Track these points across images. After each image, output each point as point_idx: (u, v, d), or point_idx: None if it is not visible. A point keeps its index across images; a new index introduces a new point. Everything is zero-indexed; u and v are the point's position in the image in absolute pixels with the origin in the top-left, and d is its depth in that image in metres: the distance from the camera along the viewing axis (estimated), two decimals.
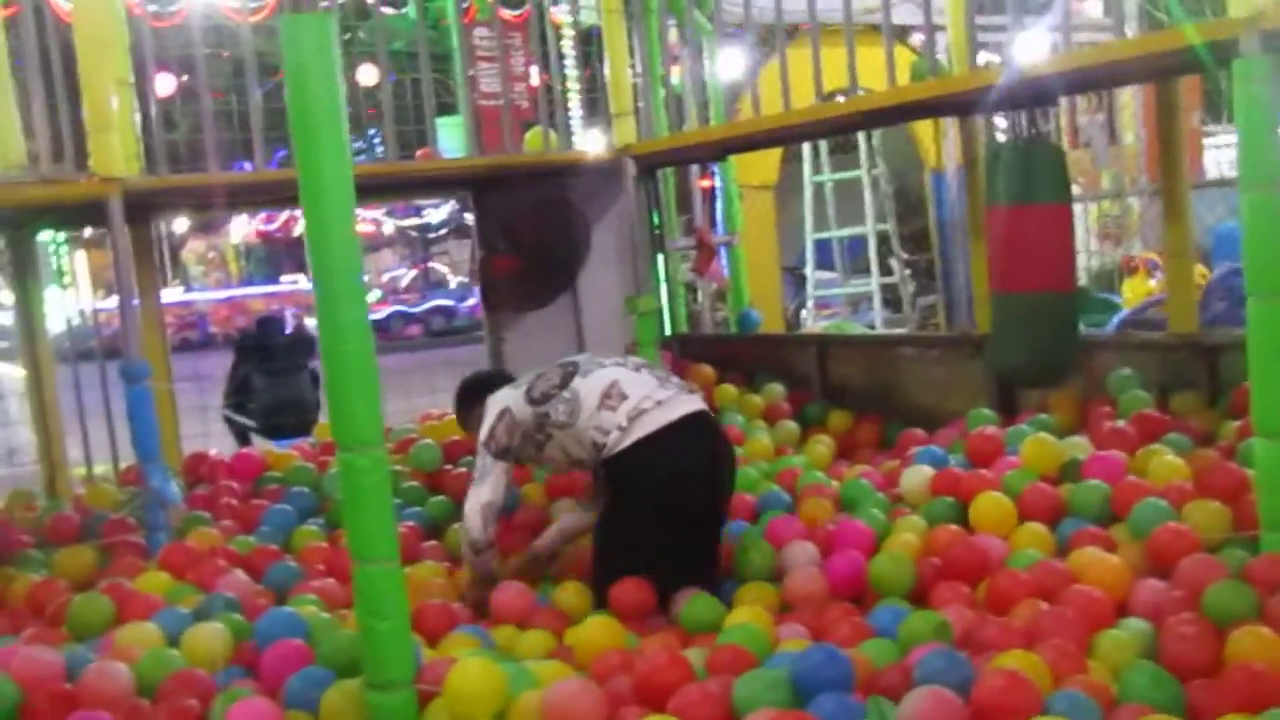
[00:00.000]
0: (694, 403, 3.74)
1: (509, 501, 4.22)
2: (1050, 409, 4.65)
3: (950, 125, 8.54)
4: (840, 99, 5.28)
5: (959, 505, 3.90)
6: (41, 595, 3.89)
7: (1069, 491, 3.80)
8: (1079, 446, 4.10)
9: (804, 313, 11.43)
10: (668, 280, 6.92)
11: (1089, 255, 10.20)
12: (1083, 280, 9.55)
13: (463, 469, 4.86)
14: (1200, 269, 7.13)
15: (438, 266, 23.62)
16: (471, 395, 4.14)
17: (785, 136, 6.49)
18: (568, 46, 7.85)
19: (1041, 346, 4.08)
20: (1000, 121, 6.50)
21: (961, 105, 4.70)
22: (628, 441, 3.58)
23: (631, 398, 3.63)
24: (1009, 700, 2.50)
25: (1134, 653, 2.81)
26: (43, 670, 3.08)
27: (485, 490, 3.74)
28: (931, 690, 2.53)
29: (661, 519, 3.57)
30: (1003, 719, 2.46)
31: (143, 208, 5.17)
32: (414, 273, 23.30)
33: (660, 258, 6.71)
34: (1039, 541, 3.57)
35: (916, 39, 9.22)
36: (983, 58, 4.78)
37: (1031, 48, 4.46)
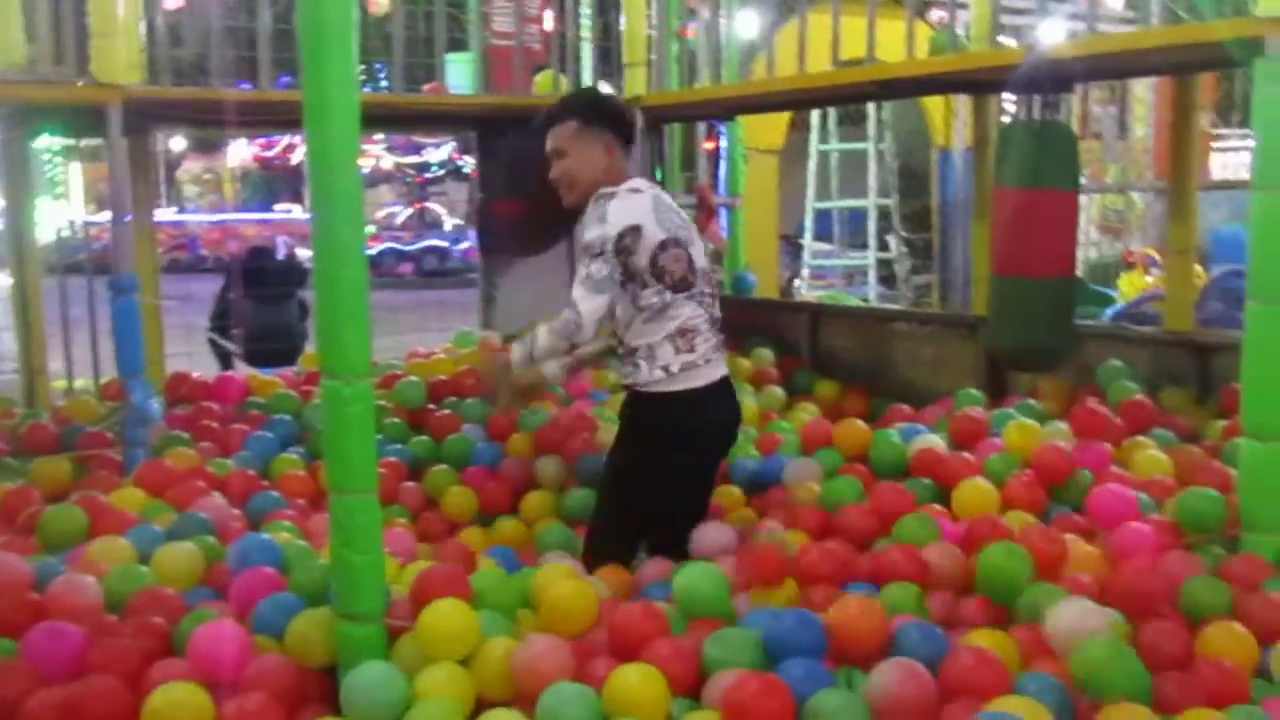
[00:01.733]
0: (725, 364, 3.60)
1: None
2: (1039, 395, 4.64)
3: (962, 105, 8.48)
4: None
5: (937, 487, 3.87)
6: (14, 503, 3.85)
7: None
8: (1063, 434, 4.09)
9: (797, 282, 11.40)
10: None
11: (1088, 247, 10.17)
12: (1080, 272, 9.54)
13: (446, 410, 4.83)
14: (1198, 269, 7.12)
15: (434, 206, 23.43)
16: (594, 113, 3.56)
17: (798, 101, 6.43)
18: None
19: (1039, 331, 4.05)
20: (1008, 105, 6.46)
21: (979, 84, 4.66)
22: (670, 387, 3.38)
23: (695, 352, 3.42)
24: (978, 678, 2.50)
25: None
26: (11, 578, 3.06)
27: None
28: (902, 663, 2.52)
29: (672, 469, 3.47)
30: (971, 697, 2.46)
31: (142, 119, 5.10)
32: (410, 211, 23.12)
33: None
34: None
35: (934, 16, 9.13)
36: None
37: (1049, 33, 4.41)
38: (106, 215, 4.37)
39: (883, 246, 10.63)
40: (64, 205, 7.85)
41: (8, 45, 4.57)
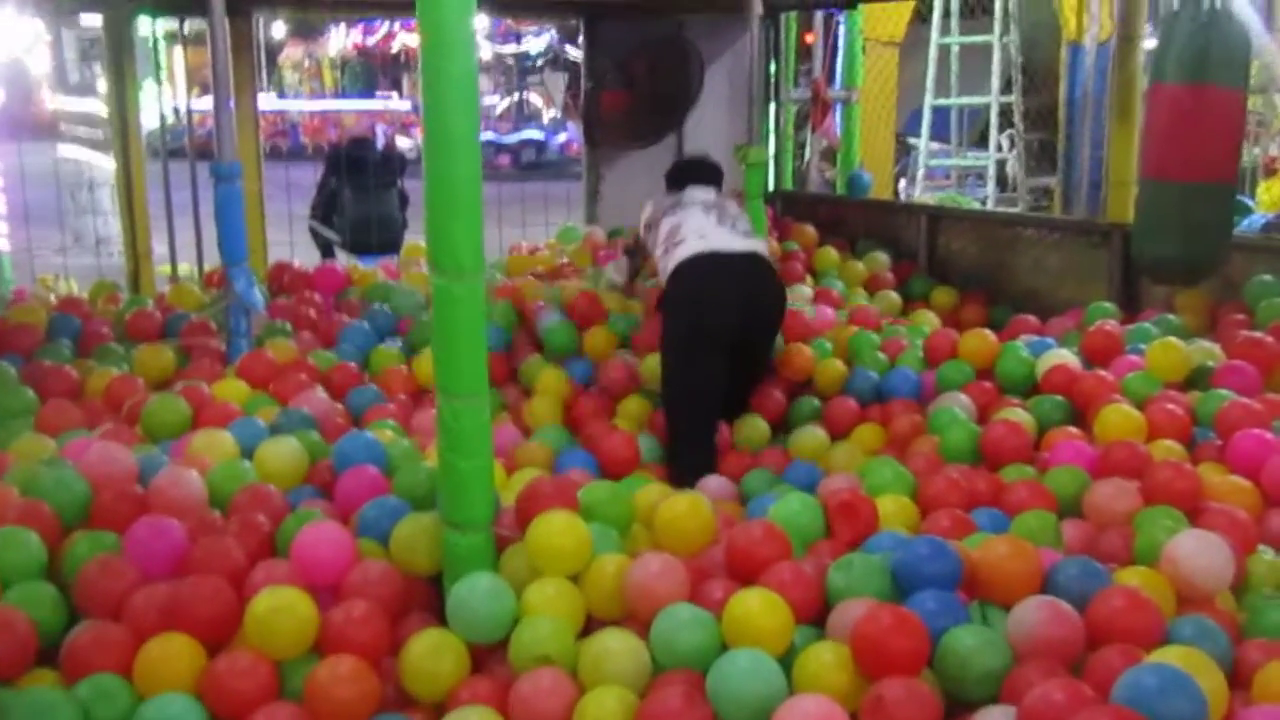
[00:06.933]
0: (743, 244, 3.89)
1: None
2: (1176, 309, 4.34)
3: None
4: None
5: (1068, 405, 3.63)
6: (119, 391, 3.81)
7: (1197, 400, 3.53)
8: (1209, 353, 3.81)
9: (902, 181, 10.95)
10: (777, 133, 6.62)
11: None
12: None
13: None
14: None
15: (532, 98, 23.10)
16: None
17: None
18: None
19: (1197, 240, 3.73)
20: None
21: None
22: (666, 276, 3.89)
23: (684, 240, 3.87)
24: (1129, 621, 2.31)
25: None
26: (115, 469, 2.99)
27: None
28: (1049, 601, 2.33)
29: (684, 344, 3.75)
30: (1121, 641, 2.26)
31: (243, 0, 4.96)
32: (508, 102, 22.83)
33: (772, 108, 6.40)
34: (1171, 457, 3.29)
35: None
36: None
37: None
38: (209, 102, 4.22)
39: (999, 147, 10.14)
40: (167, 90, 7.80)
41: None
